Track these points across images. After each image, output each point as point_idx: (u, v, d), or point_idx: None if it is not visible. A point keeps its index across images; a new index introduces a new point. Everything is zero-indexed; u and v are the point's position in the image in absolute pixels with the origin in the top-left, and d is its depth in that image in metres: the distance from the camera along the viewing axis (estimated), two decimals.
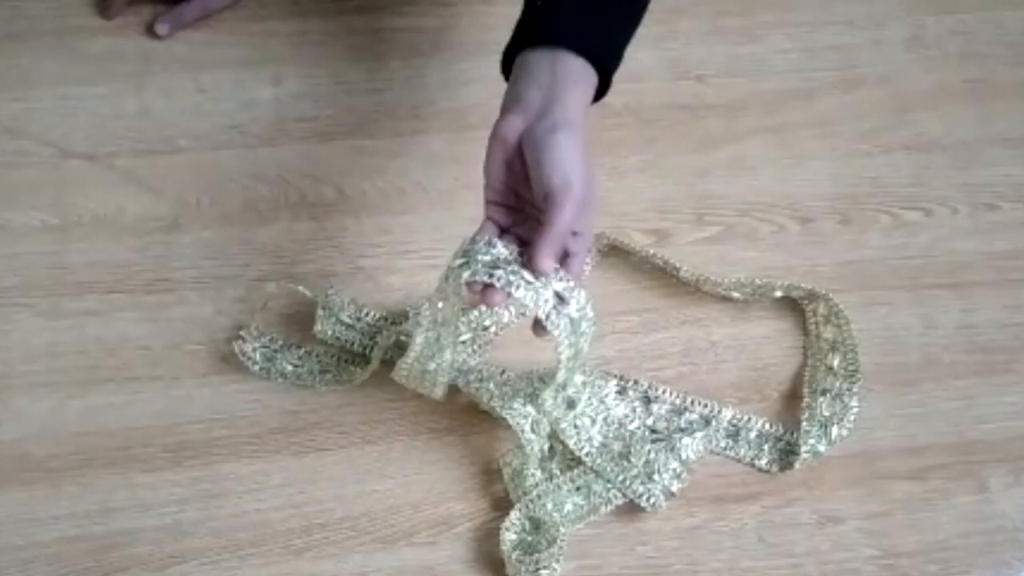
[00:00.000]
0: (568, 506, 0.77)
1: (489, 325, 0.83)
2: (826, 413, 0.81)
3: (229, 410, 0.81)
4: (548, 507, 0.77)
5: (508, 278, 0.68)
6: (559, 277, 0.70)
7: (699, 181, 0.91)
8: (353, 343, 0.83)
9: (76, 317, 0.84)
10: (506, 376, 0.81)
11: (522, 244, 0.71)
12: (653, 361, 0.84)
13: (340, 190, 0.90)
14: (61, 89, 0.93)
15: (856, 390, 0.82)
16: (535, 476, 0.77)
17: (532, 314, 0.70)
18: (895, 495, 0.79)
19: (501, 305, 0.70)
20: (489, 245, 0.70)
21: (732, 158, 0.93)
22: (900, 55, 0.99)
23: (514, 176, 0.71)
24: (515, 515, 0.76)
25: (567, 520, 0.77)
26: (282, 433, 0.80)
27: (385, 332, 0.82)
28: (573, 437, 0.79)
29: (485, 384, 0.78)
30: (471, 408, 0.81)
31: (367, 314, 0.84)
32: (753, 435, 0.81)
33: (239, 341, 0.82)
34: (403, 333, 0.81)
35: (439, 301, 0.73)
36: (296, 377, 0.82)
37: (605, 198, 0.85)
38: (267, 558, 0.76)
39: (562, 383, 0.75)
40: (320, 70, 0.95)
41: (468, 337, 0.82)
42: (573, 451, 0.79)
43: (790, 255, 0.89)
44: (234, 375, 0.82)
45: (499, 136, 0.70)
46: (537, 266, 0.68)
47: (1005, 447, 0.82)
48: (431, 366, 0.77)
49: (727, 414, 0.82)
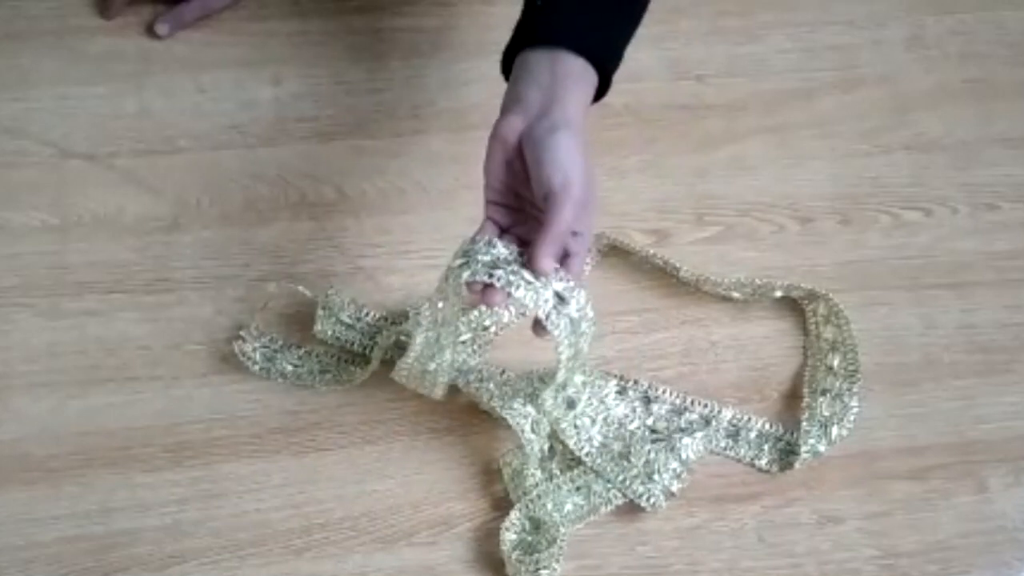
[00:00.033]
0: (568, 506, 0.77)
1: (489, 325, 0.83)
2: (826, 413, 0.81)
3: (229, 410, 0.81)
4: (548, 507, 0.77)
5: (508, 278, 0.68)
6: (559, 277, 0.70)
7: (699, 181, 0.91)
8: (353, 343, 0.83)
9: (76, 317, 0.84)
10: (506, 376, 0.81)
11: (522, 244, 0.71)
12: (653, 361, 0.84)
13: (340, 190, 0.90)
14: (61, 89, 0.93)
15: (856, 390, 0.82)
16: (535, 476, 0.77)
17: (532, 314, 0.70)
18: (895, 495, 0.79)
19: (501, 305, 0.70)
20: (489, 245, 0.70)
21: (732, 158, 0.93)
22: (900, 55, 0.99)
23: (514, 176, 0.71)
24: (515, 515, 0.76)
25: (567, 520, 0.77)
26: (282, 433, 0.80)
27: (385, 332, 0.82)
28: (573, 437, 0.79)
29: (485, 384, 0.78)
30: (471, 408, 0.81)
31: (367, 314, 0.84)
32: (753, 435, 0.81)
33: (239, 341, 0.82)
34: (403, 333, 0.81)
35: (439, 301, 0.73)
36: (296, 377, 0.82)
37: (605, 198, 0.85)
38: (267, 558, 0.76)
39: (562, 383, 0.75)
40: (320, 70, 0.95)
41: (468, 337, 0.82)
42: (573, 451, 0.79)
43: (790, 255, 0.89)
44: (234, 375, 0.82)
45: (499, 136, 0.70)
46: (537, 266, 0.68)
47: (1005, 447, 0.82)
48: (431, 366, 0.77)
49: (727, 414, 0.82)
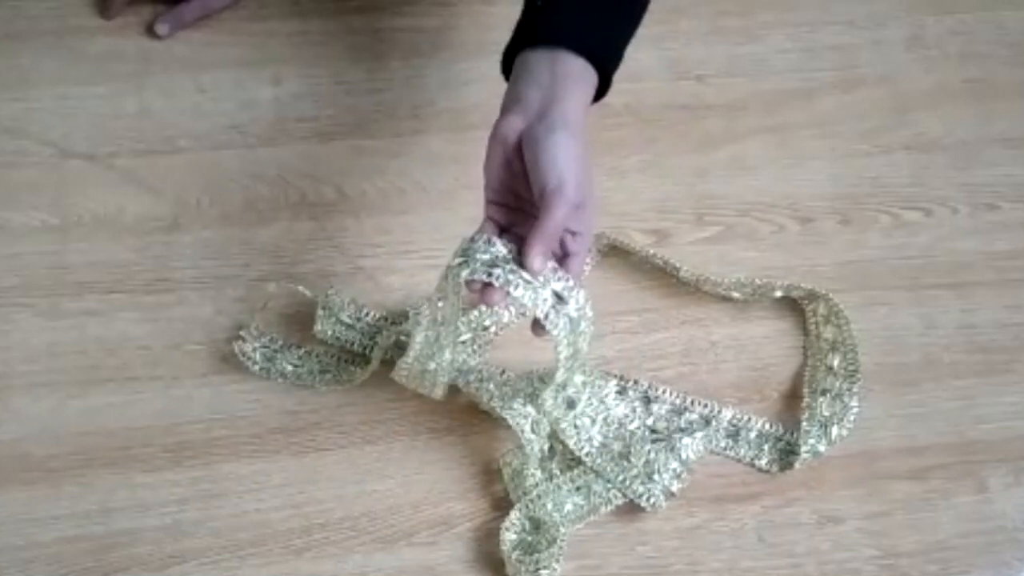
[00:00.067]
0: (568, 506, 0.77)
1: (489, 325, 0.83)
2: (826, 413, 0.81)
3: (229, 410, 0.81)
4: (548, 507, 0.77)
5: (507, 277, 0.68)
6: (558, 276, 0.70)
7: (699, 181, 0.91)
8: (353, 343, 0.83)
9: (76, 317, 0.84)
10: (506, 376, 0.81)
11: (522, 243, 0.71)
12: (653, 361, 0.84)
13: (340, 190, 0.90)
14: (61, 89, 0.93)
15: (856, 390, 0.82)
16: (535, 476, 0.77)
17: (532, 314, 0.70)
18: (895, 495, 0.79)
19: (500, 304, 0.70)
20: (488, 244, 0.70)
21: (732, 158, 0.93)
22: (900, 55, 0.99)
23: (514, 176, 0.71)
24: (515, 515, 0.76)
25: (567, 520, 0.77)
26: (282, 433, 0.80)
27: (385, 332, 0.82)
28: (573, 437, 0.79)
29: (485, 384, 0.78)
30: (471, 408, 0.81)
31: (367, 314, 0.84)
32: (753, 435, 0.81)
33: (239, 341, 0.82)
34: (403, 333, 0.81)
35: (439, 300, 0.73)
36: (296, 377, 0.82)
37: (605, 198, 0.85)
38: (267, 558, 0.76)
39: (562, 383, 0.75)
40: (320, 70, 0.95)
41: (468, 337, 0.82)
42: (573, 451, 0.79)
43: (790, 255, 0.88)
44: (234, 375, 0.82)
45: (499, 136, 0.70)
46: (527, 264, 0.68)
47: (1005, 447, 0.82)
48: (431, 366, 0.76)
49: (727, 414, 0.82)
